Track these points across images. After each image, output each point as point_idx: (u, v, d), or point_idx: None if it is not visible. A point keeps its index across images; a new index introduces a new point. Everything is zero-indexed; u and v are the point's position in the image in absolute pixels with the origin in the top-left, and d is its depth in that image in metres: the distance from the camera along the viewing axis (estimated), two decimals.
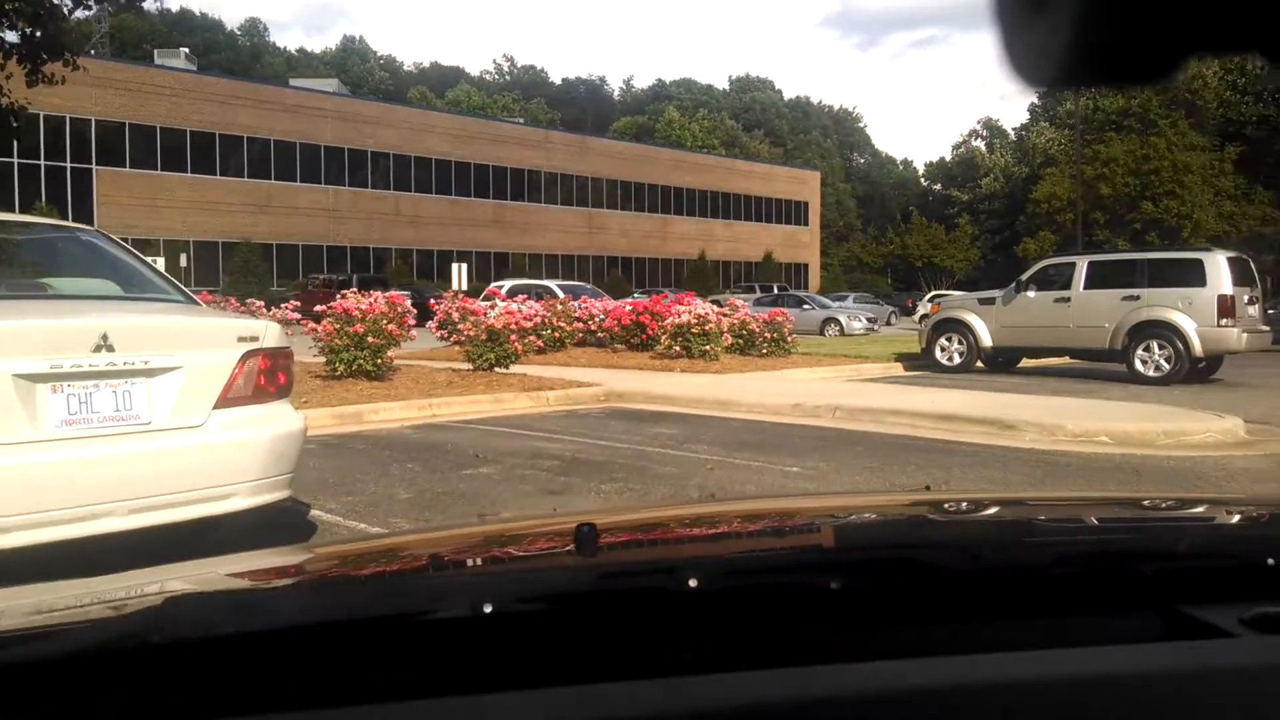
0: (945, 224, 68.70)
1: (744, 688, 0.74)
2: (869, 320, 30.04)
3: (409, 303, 11.12)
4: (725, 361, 14.16)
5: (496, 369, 11.41)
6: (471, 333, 11.41)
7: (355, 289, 12.15)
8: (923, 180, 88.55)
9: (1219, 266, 12.83)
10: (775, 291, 38.63)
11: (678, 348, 14.03)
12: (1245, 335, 12.78)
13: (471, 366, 11.47)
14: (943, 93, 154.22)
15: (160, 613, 0.81)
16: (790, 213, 65.43)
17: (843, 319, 29.46)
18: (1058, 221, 49.44)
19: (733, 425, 8.89)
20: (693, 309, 14.14)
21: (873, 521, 1.63)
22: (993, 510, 1.72)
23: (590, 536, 1.10)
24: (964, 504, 1.89)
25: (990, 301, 14.82)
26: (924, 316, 18.73)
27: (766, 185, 64.01)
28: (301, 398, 9.26)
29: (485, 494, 5.69)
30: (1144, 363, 13.17)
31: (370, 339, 10.13)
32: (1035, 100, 70.89)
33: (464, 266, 27.91)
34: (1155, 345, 13.06)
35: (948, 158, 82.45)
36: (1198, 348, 12.79)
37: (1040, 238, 50.54)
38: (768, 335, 15.37)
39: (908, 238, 66.67)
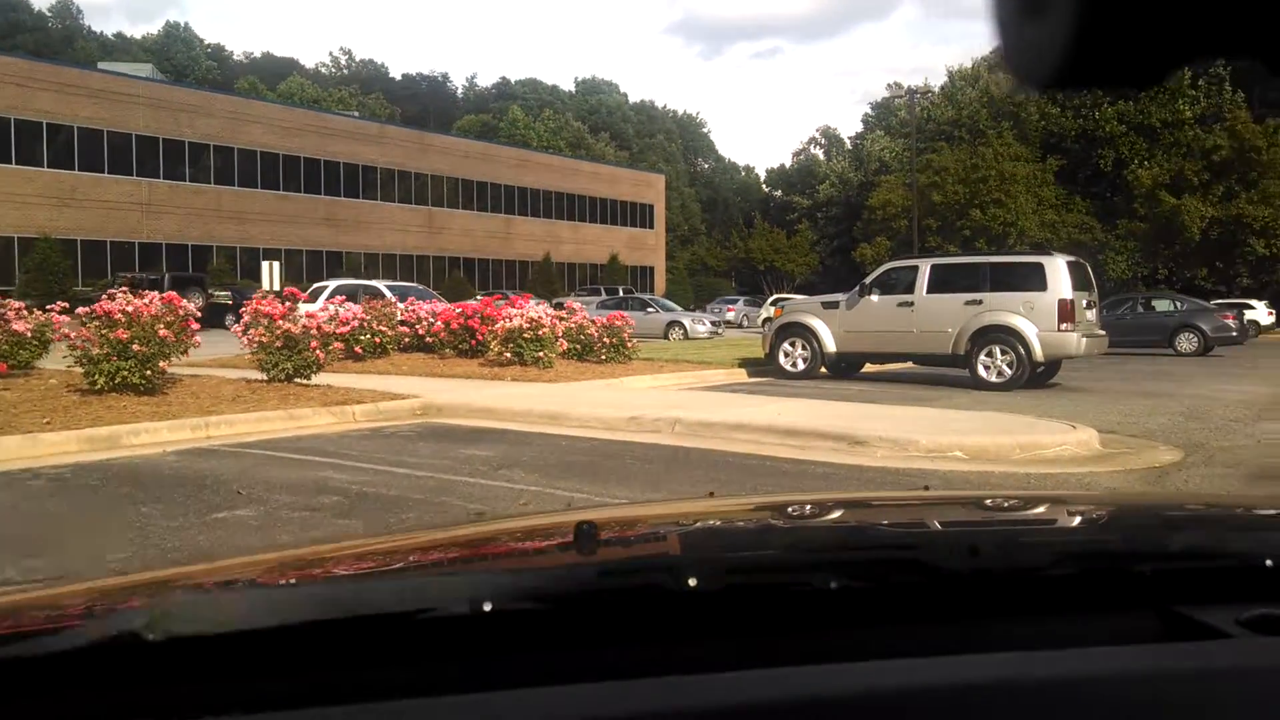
0: (786, 229, 69.88)
1: (744, 687, 0.73)
2: (713, 324, 29.62)
3: (228, 303, 9.62)
4: (560, 369, 13.16)
5: (296, 380, 10.04)
6: (265, 339, 9.97)
7: (169, 289, 10.50)
8: (764, 186, 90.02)
9: (1059, 270, 12.70)
10: (620, 294, 37.94)
11: (508, 354, 12.94)
12: (1084, 340, 12.68)
13: (266, 378, 10.07)
14: (783, 102, 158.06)
15: (159, 611, 0.81)
16: (636, 215, 65.12)
17: (687, 322, 28.95)
18: (893, 227, 50.74)
19: (560, 444, 7.89)
20: (525, 312, 13.07)
21: (872, 521, 1.66)
22: (992, 510, 1.73)
23: (590, 535, 1.14)
24: (963, 504, 1.92)
25: (834, 305, 14.36)
26: (767, 320, 18.29)
27: (612, 187, 63.49)
28: (44, 418, 7.74)
29: (229, 549, 4.48)
30: (986, 368, 12.92)
31: (136, 346, 8.61)
32: (869, 111, 73.23)
33: (276, 264, 25.78)
34: (998, 350, 12.83)
35: (788, 165, 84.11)
36: (1039, 353, 12.61)
37: (876, 243, 51.71)
38: (606, 340, 14.45)
39: (751, 242, 67.42)
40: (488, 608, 0.82)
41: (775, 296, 41.21)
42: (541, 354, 12.91)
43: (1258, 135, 40.49)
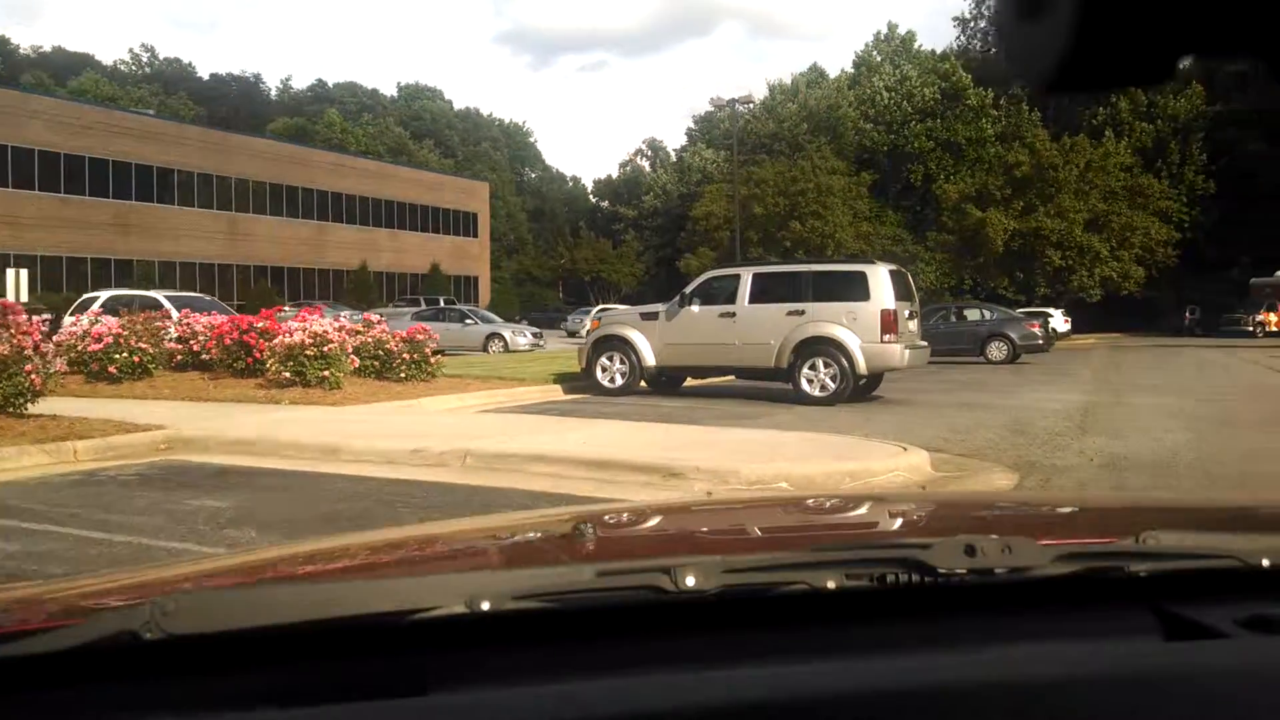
0: (613, 239, 69.73)
1: (743, 686, 0.74)
2: (534, 336, 28.48)
3: None
4: (351, 389, 11.74)
5: (6, 411, 8.30)
6: None
7: None
8: (592, 197, 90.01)
9: (881, 280, 12.25)
10: (441, 304, 36.27)
11: (288, 373, 11.42)
12: (907, 352, 12.27)
13: None
14: (611, 114, 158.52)
15: (157, 610, 0.78)
16: (459, 223, 63.18)
17: (507, 334, 27.69)
18: (715, 238, 50.97)
19: (323, 486, 6.60)
20: (308, 326, 11.58)
21: (869, 519, 1.66)
22: (991, 510, 1.75)
23: (589, 534, 1.18)
24: (962, 504, 2.06)
25: (653, 317, 13.51)
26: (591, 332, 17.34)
27: (434, 194, 61.33)
28: None
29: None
30: (810, 381, 12.33)
31: None
32: (692, 125, 74.11)
33: (23, 272, 22.84)
34: (821, 363, 12.26)
35: (615, 175, 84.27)
36: (862, 365, 12.11)
37: (700, 254, 51.81)
38: (407, 356, 13.10)
39: (576, 252, 66.76)
40: (486, 606, 0.82)
41: (601, 307, 40.46)
42: (327, 373, 11.46)
43: (1054, 153, 42.67)
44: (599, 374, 13.55)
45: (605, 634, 0.87)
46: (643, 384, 13.71)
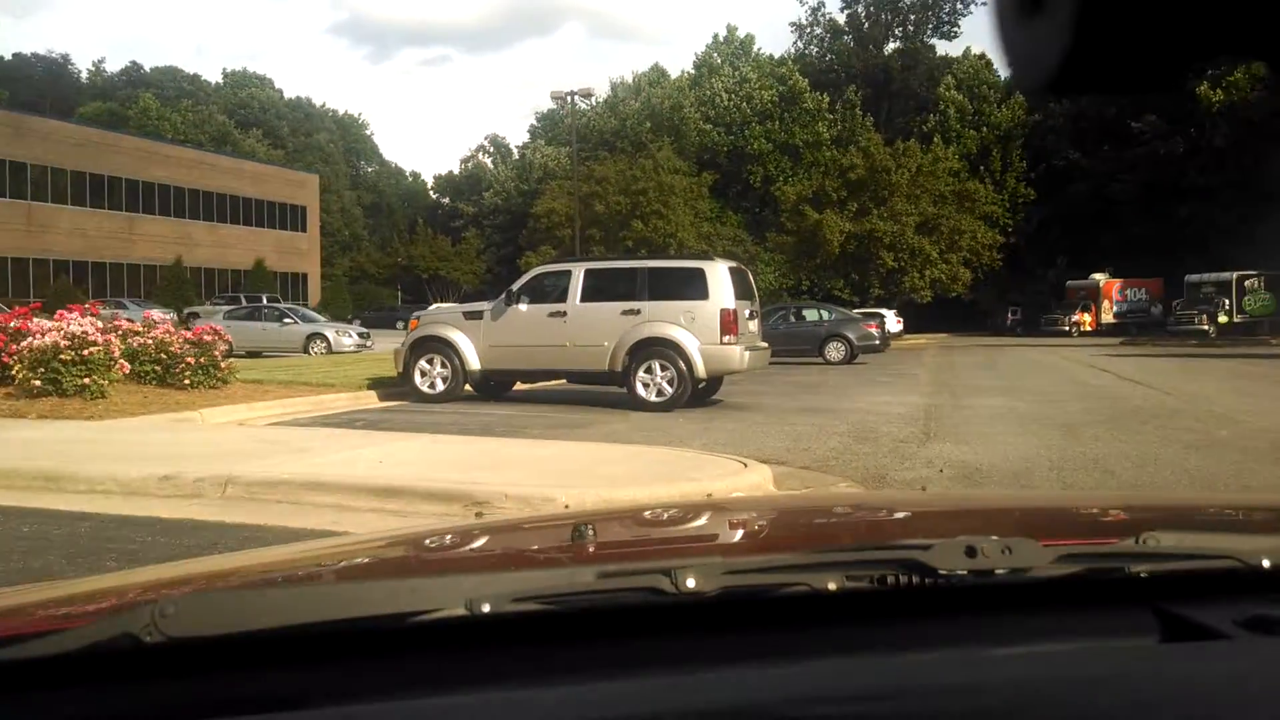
0: (453, 236, 67.94)
1: (744, 688, 0.74)
2: (360, 336, 26.71)
3: None
4: (119, 399, 10.12)
5: None
6: None
7: None
8: (432, 193, 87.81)
9: (721, 277, 11.48)
10: (265, 302, 33.86)
11: (38, 381, 9.71)
12: (748, 354, 11.55)
13: None
14: (452, 109, 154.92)
15: (157, 613, 0.78)
16: (286, 217, 59.86)
17: (330, 335, 25.85)
18: (557, 236, 50.03)
19: (22, 531, 5.22)
20: (65, 327, 9.90)
21: (869, 520, 1.67)
22: (991, 510, 1.74)
23: (588, 536, 1.16)
24: (960, 504, 2.05)
25: (477, 316, 12.36)
26: (409, 333, 15.88)
27: (258, 186, 57.85)
28: None
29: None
30: (646, 386, 11.46)
31: None
32: (535, 122, 73.07)
33: None
34: (658, 366, 11.41)
35: (456, 171, 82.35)
36: (701, 369, 11.32)
37: (542, 252, 50.70)
38: (192, 360, 11.50)
39: (413, 249, 64.44)
40: (486, 608, 0.82)
41: (435, 306, 38.75)
42: (88, 380, 9.81)
43: (887, 157, 43.60)
44: (417, 379, 12.31)
45: (606, 636, 0.87)
46: (468, 389, 12.58)
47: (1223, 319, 40.27)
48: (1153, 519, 1.55)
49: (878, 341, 24.13)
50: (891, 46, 63.03)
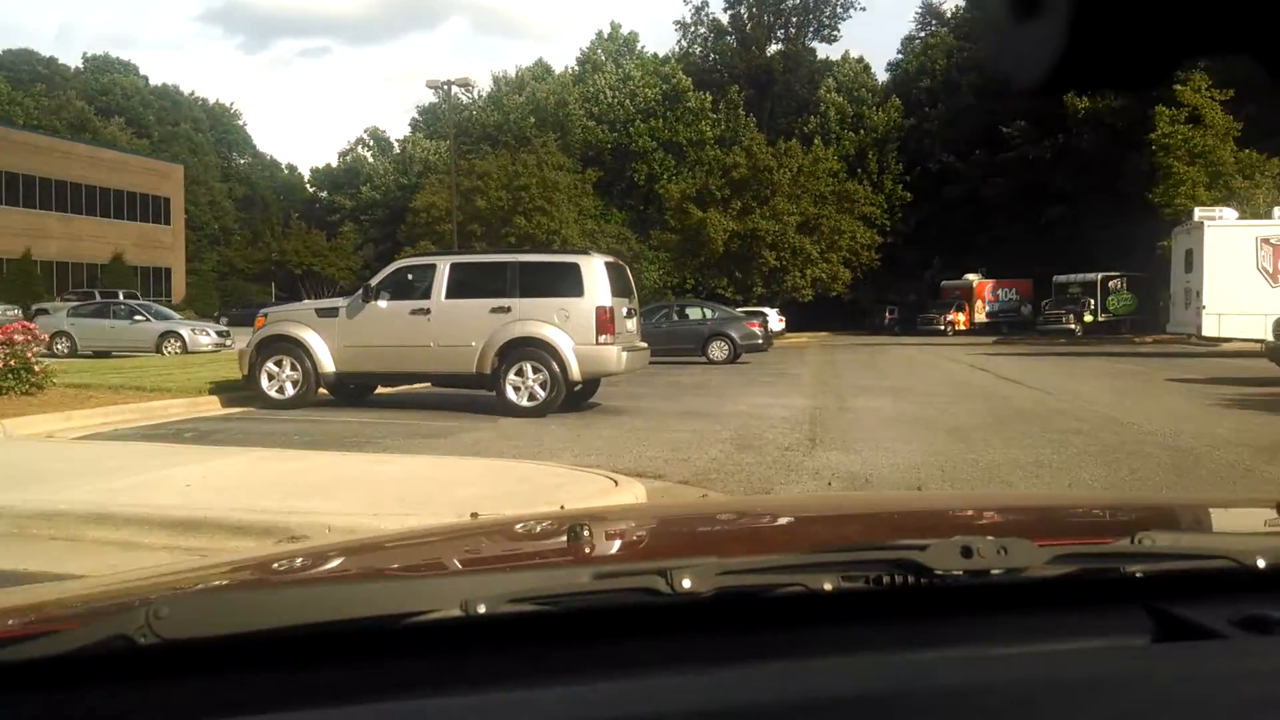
0: (330, 231, 65.71)
1: (739, 688, 0.74)
2: (220, 335, 25.03)
3: None
4: None
5: None
6: None
7: None
8: (309, 186, 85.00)
9: (597, 273, 10.74)
10: (120, 298, 31.59)
11: None
12: (626, 355, 10.85)
13: None
14: (332, 102, 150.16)
15: (151, 614, 0.78)
16: (148, 209, 56.65)
17: (186, 333, 24.14)
18: (437, 231, 48.62)
19: None
20: None
21: (865, 520, 1.67)
22: (986, 510, 1.71)
23: (585, 536, 1.16)
24: (958, 504, 1.99)
25: (332, 313, 11.32)
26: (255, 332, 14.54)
27: (117, 175, 54.52)
28: None
29: None
30: (517, 389, 10.65)
31: None
32: (417, 115, 71.36)
33: None
34: (529, 368, 10.61)
35: (335, 165, 79.87)
36: (575, 371, 10.57)
37: (421, 247, 49.19)
38: (0, 363, 10.15)
39: (286, 243, 61.80)
40: (482, 609, 0.82)
41: (306, 302, 36.97)
42: None
43: (769, 156, 43.69)
44: (264, 383, 11.22)
45: (602, 636, 0.87)
46: (324, 393, 11.55)
47: (1088, 318, 41.68)
48: (1148, 519, 1.57)
49: (760, 341, 23.80)
50: (774, 48, 63.52)
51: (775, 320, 38.99)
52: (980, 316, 47.96)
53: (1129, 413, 10.85)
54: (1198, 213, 23.32)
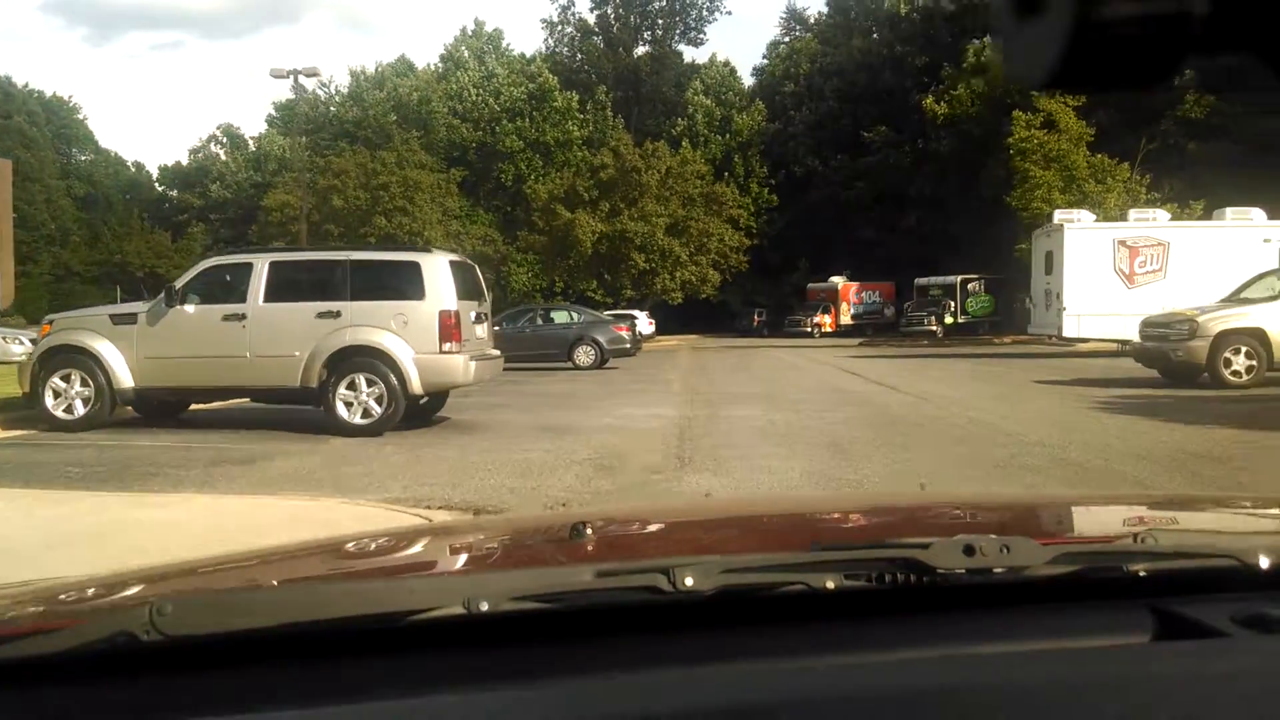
0: (178, 231, 62.22)
1: (741, 686, 0.74)
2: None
3: None
4: None
5: None
6: None
7: None
8: (157, 185, 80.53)
9: (440, 273, 9.54)
10: None
11: None
12: (474, 364, 9.67)
13: None
14: (185, 97, 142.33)
15: (154, 611, 0.78)
16: None
17: None
18: (291, 231, 46.13)
19: None
20: None
21: (867, 519, 1.66)
22: (988, 510, 1.71)
23: (586, 535, 1.15)
24: (959, 504, 1.91)
25: (129, 320, 9.79)
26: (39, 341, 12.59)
27: None
28: None
29: None
30: (349, 405, 9.37)
31: None
32: (273, 112, 68.45)
33: None
34: (363, 381, 9.35)
35: (185, 162, 75.76)
36: (416, 384, 9.35)
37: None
38: None
39: (127, 244, 57.96)
40: (484, 607, 0.82)
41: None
42: None
43: (637, 157, 43.05)
44: (49, 401, 9.62)
45: (604, 634, 0.87)
46: (130, 411, 10.03)
47: (949, 320, 42.50)
48: (1150, 518, 1.54)
49: (628, 345, 22.90)
50: (641, 50, 63.03)
51: (645, 323, 38.47)
52: (846, 319, 48.46)
53: (1011, 420, 10.33)
54: (1057, 215, 23.58)
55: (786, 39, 62.33)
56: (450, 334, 9.30)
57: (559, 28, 63.47)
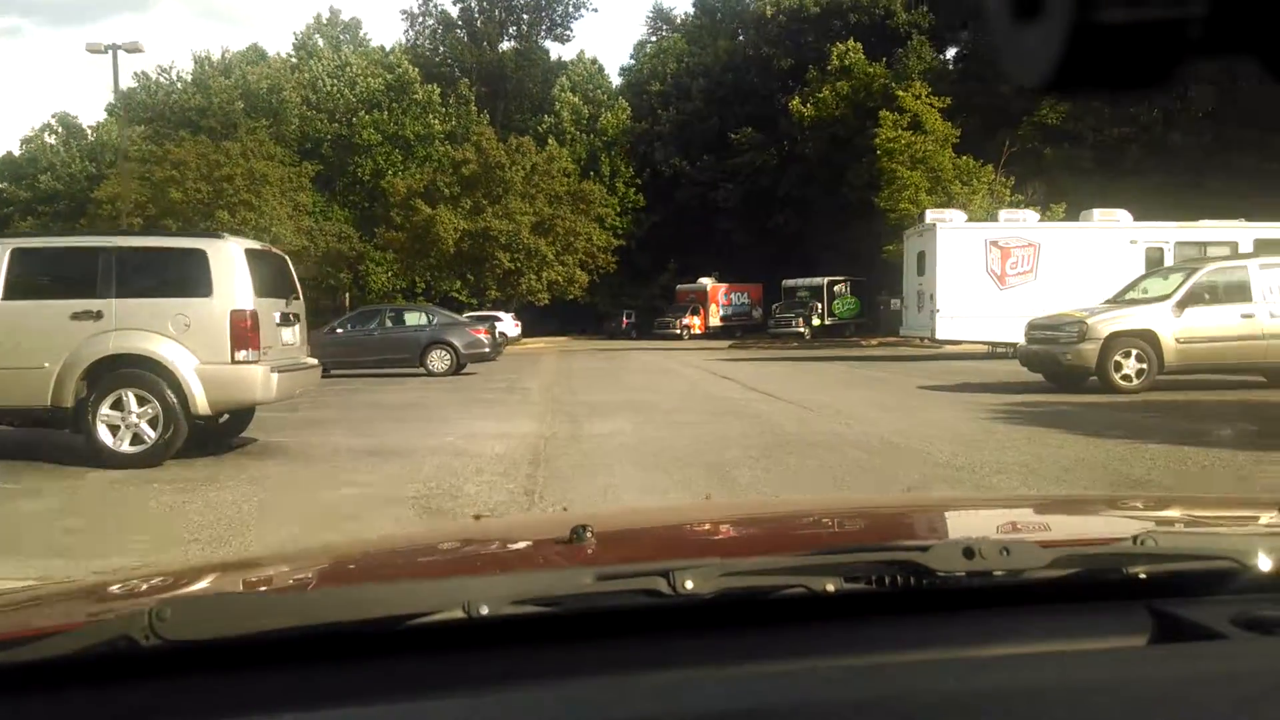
0: (3, 225, 57.23)
1: (742, 690, 0.74)
2: None
3: None
4: None
5: None
6: None
7: None
8: None
9: (233, 263, 7.72)
10: None
11: None
12: (278, 376, 7.85)
13: None
14: (20, 86, 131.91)
15: (153, 616, 0.78)
16: None
17: None
18: (126, 225, 42.52)
19: None
20: None
21: (868, 522, 1.64)
22: (987, 511, 1.73)
23: (586, 538, 1.13)
24: (958, 505, 1.99)
25: None
26: None
27: None
28: None
29: None
30: (114, 430, 7.46)
31: None
32: (113, 100, 63.66)
33: None
34: (132, 399, 7.43)
35: (16, 152, 69.77)
36: (201, 402, 7.50)
37: None
38: None
39: None
40: (484, 610, 0.82)
41: None
42: None
43: (501, 153, 41.32)
44: None
45: (604, 637, 0.87)
46: None
47: (816, 321, 42.26)
48: (1150, 519, 1.54)
49: (488, 349, 21.16)
50: (506, 45, 61.12)
51: (511, 325, 36.92)
52: (715, 320, 47.84)
53: (906, 434, 9.20)
54: (930, 215, 23.03)
55: (654, 39, 61.48)
56: (245, 339, 7.49)
57: (420, 19, 61.16)
